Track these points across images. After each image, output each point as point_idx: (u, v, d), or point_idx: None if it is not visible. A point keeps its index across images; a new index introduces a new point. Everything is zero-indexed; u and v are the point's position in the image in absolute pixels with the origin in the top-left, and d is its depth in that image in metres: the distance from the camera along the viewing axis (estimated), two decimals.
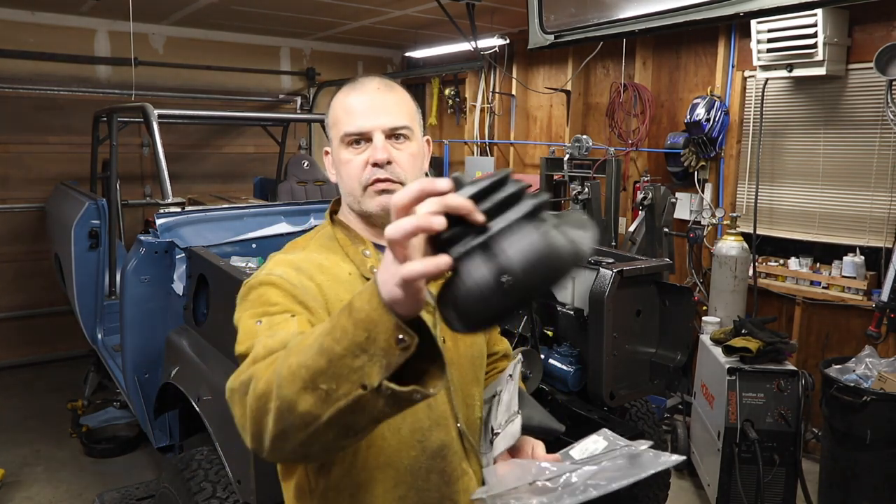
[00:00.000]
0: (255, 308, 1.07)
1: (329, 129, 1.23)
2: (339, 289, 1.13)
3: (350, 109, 1.17)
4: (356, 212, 1.22)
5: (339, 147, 1.19)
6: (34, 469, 3.79)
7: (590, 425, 2.56)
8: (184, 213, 2.90)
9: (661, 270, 2.62)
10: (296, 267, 1.13)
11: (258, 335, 0.99)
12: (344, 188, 1.21)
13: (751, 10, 1.36)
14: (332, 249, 1.21)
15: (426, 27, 5.70)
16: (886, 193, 3.79)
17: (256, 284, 1.11)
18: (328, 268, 1.15)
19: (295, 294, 1.07)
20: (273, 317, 1.04)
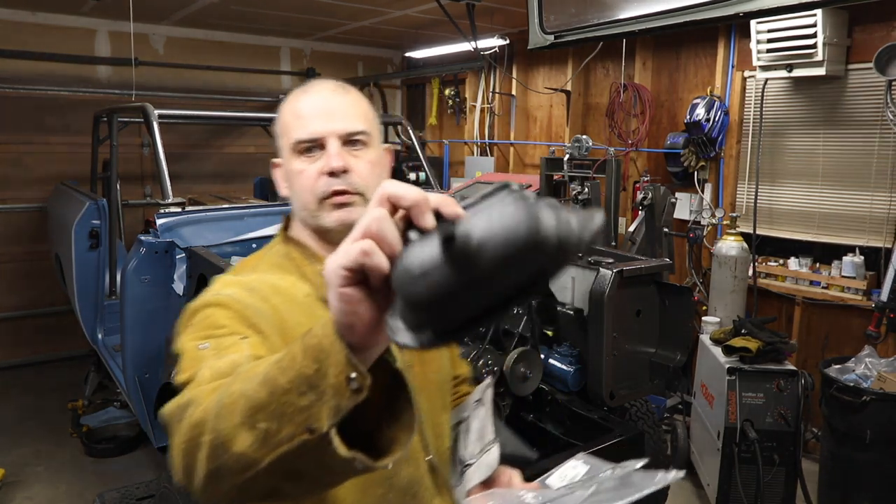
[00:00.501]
0: (199, 332, 0.94)
1: (278, 138, 1.11)
2: (297, 312, 1.02)
3: (300, 114, 1.07)
4: (311, 227, 1.10)
5: (290, 156, 1.07)
6: (35, 469, 3.79)
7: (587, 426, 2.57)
8: (184, 213, 2.90)
9: (661, 270, 2.62)
10: (247, 287, 1.01)
11: (204, 360, 0.87)
12: (297, 202, 1.09)
13: (751, 11, 1.36)
14: (286, 269, 1.09)
15: (426, 27, 5.70)
16: (886, 193, 3.79)
17: (201, 306, 0.99)
18: (284, 289, 1.04)
19: (246, 316, 0.95)
20: (220, 339, 0.91)
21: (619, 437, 2.45)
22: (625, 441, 2.45)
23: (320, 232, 1.09)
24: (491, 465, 1.13)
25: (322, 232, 1.09)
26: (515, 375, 2.42)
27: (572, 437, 2.48)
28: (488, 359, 2.35)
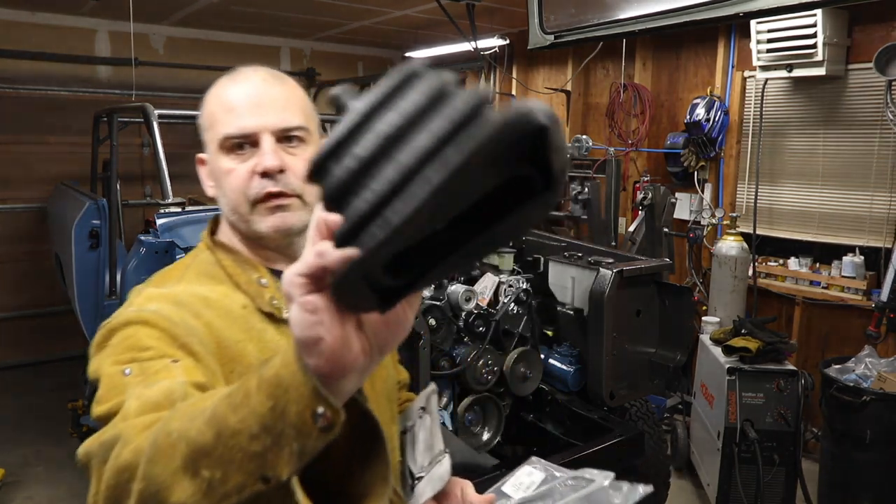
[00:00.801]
0: (120, 354, 0.81)
1: (204, 132, 0.99)
2: (234, 327, 0.90)
3: (229, 106, 0.94)
4: (243, 232, 0.98)
5: (218, 153, 0.95)
6: (35, 469, 3.79)
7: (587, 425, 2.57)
8: (184, 213, 2.90)
9: (661, 270, 2.62)
10: (175, 301, 0.88)
11: (128, 388, 0.75)
12: (226, 204, 0.97)
13: (750, 11, 1.37)
14: (216, 278, 0.96)
15: (426, 27, 5.70)
16: (886, 193, 3.79)
17: (121, 325, 0.85)
18: (216, 301, 0.91)
19: (175, 335, 0.83)
20: (147, 363, 0.78)
21: (619, 437, 2.45)
22: (625, 441, 2.45)
23: (253, 237, 0.97)
24: (442, 478, 1.08)
25: (255, 237, 0.97)
26: (515, 375, 2.42)
27: (572, 437, 2.48)
28: (488, 359, 2.35)
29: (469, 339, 2.38)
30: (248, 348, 0.89)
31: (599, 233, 4.42)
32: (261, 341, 0.90)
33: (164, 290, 0.93)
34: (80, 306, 3.91)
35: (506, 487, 1.11)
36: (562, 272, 2.72)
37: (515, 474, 1.13)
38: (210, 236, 1.03)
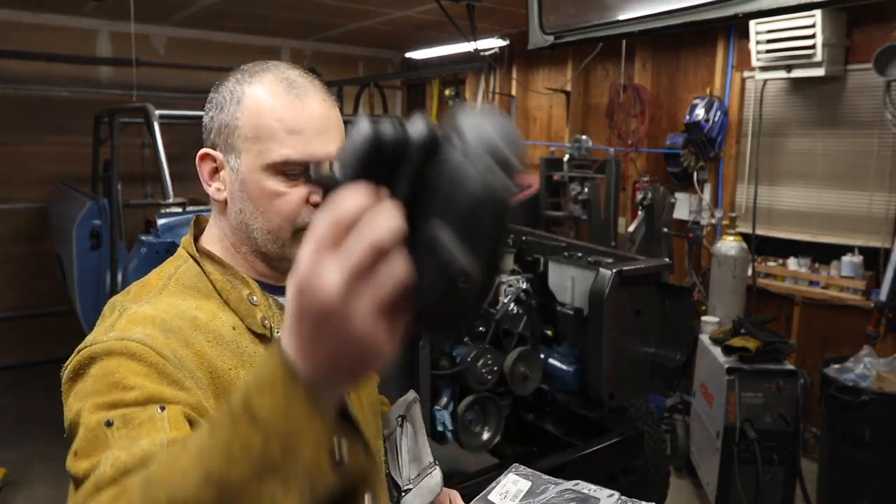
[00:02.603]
0: (100, 395, 0.72)
1: (240, 139, 0.89)
2: (226, 354, 0.83)
3: (292, 126, 0.86)
4: (261, 252, 0.91)
5: (263, 171, 0.87)
6: (36, 468, 3.79)
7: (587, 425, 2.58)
8: (185, 213, 2.90)
9: (661, 270, 2.63)
10: (162, 326, 0.79)
11: (109, 445, 0.69)
12: (260, 224, 0.89)
13: (750, 11, 1.37)
14: (202, 293, 0.88)
15: (426, 28, 5.71)
16: (885, 193, 3.80)
17: (101, 353, 0.76)
18: (205, 324, 0.84)
19: (163, 370, 0.75)
20: (130, 411, 0.70)
21: (618, 436, 2.46)
22: (624, 441, 2.46)
23: (277, 259, 0.91)
24: (433, 490, 1.07)
25: (280, 259, 0.91)
26: (515, 375, 2.42)
27: (572, 437, 2.49)
28: (488, 359, 2.36)
29: (469, 339, 2.39)
30: (240, 375, 0.83)
31: (599, 233, 4.43)
32: (252, 366, 0.85)
33: (149, 308, 0.83)
34: (81, 306, 3.92)
35: (492, 496, 1.08)
36: (562, 272, 2.72)
37: (501, 482, 1.10)
38: (193, 242, 0.95)
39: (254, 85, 0.90)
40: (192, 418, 0.73)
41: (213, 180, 0.94)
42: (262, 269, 0.94)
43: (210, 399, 0.78)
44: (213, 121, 0.92)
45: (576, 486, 1.04)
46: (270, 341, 0.88)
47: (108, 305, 0.88)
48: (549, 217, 4.88)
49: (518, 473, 1.12)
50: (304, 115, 0.87)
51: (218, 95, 0.93)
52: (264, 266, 0.94)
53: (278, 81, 0.90)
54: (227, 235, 0.93)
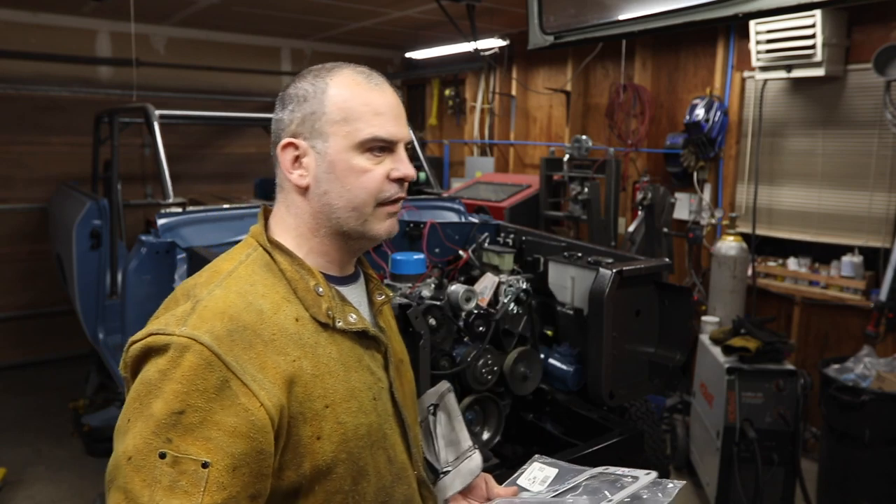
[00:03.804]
0: (164, 412, 0.79)
1: (329, 123, 0.97)
2: (289, 346, 0.90)
3: (378, 110, 0.98)
4: (341, 231, 0.99)
5: (350, 150, 0.96)
6: (36, 468, 3.80)
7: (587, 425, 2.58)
8: (185, 213, 2.90)
9: (661, 270, 2.62)
10: (232, 324, 0.86)
11: (156, 486, 0.76)
12: (345, 201, 0.97)
13: (750, 11, 1.37)
14: (269, 284, 0.95)
15: (426, 28, 5.71)
16: (885, 194, 3.80)
17: (170, 347, 0.83)
18: (269, 316, 0.90)
19: (225, 381, 0.83)
20: (181, 454, 0.78)
21: (618, 436, 2.46)
22: (624, 441, 2.46)
23: (355, 236, 1.00)
24: (473, 472, 1.12)
25: (354, 237, 1.00)
26: (515, 375, 2.42)
27: (572, 437, 2.49)
28: (488, 359, 2.36)
29: (469, 339, 2.39)
30: (303, 364, 0.91)
31: (599, 233, 4.43)
32: (315, 356, 0.93)
33: (220, 295, 0.90)
34: (81, 306, 3.92)
35: (521, 481, 1.12)
36: (562, 272, 2.72)
37: (527, 470, 1.14)
38: (264, 231, 1.02)
39: (335, 77, 1.01)
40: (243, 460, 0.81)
41: (294, 168, 0.99)
42: (333, 255, 1.02)
43: (276, 392, 0.85)
44: (295, 113, 1.00)
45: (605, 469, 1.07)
46: (332, 328, 0.96)
47: (181, 288, 0.95)
48: (549, 217, 4.89)
49: (542, 462, 1.15)
50: (384, 101, 0.99)
51: (296, 92, 1.02)
52: (336, 249, 1.01)
53: (357, 73, 1.02)
54: (304, 221, 1.00)
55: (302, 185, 0.99)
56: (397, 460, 1.02)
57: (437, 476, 1.14)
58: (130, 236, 4.10)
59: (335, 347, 0.96)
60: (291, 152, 0.99)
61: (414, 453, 1.07)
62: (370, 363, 1.01)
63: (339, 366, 0.95)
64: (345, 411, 0.93)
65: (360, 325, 0.99)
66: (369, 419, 0.97)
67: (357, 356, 0.99)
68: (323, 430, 0.90)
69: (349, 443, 0.93)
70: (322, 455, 0.90)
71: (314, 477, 0.90)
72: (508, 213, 4.74)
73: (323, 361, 0.93)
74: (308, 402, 0.90)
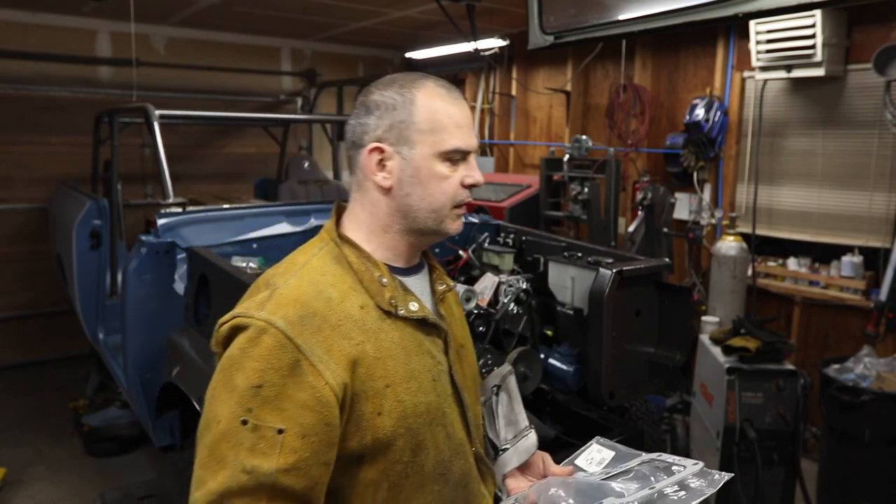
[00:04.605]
0: (245, 385, 0.92)
1: (416, 132, 1.06)
2: (354, 331, 1.01)
3: (458, 121, 1.08)
4: (416, 229, 1.10)
5: (434, 158, 1.06)
6: (36, 468, 3.80)
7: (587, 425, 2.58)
8: (185, 213, 2.91)
9: (661, 270, 2.62)
10: (303, 310, 0.98)
11: (240, 447, 0.89)
12: (426, 204, 1.08)
13: (750, 11, 1.37)
14: (338, 275, 1.06)
15: (426, 28, 5.71)
16: (885, 194, 3.80)
17: (249, 327, 0.96)
18: (337, 303, 1.01)
19: (297, 362, 0.94)
20: (261, 422, 0.90)
21: (618, 436, 2.46)
22: (624, 441, 2.46)
23: (429, 234, 1.11)
24: (529, 450, 1.19)
25: (432, 234, 1.11)
26: (515, 375, 2.42)
27: (572, 437, 2.49)
28: (488, 358, 2.36)
29: None
30: (366, 348, 1.00)
31: (599, 233, 4.43)
32: (377, 341, 1.02)
33: (294, 283, 1.01)
34: (81, 306, 3.92)
35: (579, 461, 1.17)
36: (562, 272, 2.72)
37: (586, 450, 1.19)
38: (336, 228, 1.12)
39: (421, 90, 1.08)
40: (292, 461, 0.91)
41: (379, 170, 1.08)
42: (400, 250, 1.12)
43: (340, 372, 0.96)
44: (382, 119, 1.07)
45: (658, 456, 1.11)
46: (394, 315, 1.05)
47: (263, 278, 1.07)
48: (549, 217, 4.89)
49: (601, 444, 1.21)
50: (463, 114, 1.09)
51: (383, 100, 1.08)
52: (404, 245, 1.11)
53: (440, 87, 1.10)
54: (380, 218, 1.10)
55: (385, 187, 1.08)
56: (455, 437, 1.11)
57: (497, 453, 1.22)
58: (130, 236, 4.10)
59: (397, 333, 1.05)
60: (377, 156, 1.07)
61: (472, 431, 1.15)
62: (431, 347, 1.10)
63: (400, 350, 1.04)
64: (404, 391, 1.02)
65: (421, 313, 1.08)
66: (428, 398, 1.06)
67: (418, 341, 1.08)
68: (383, 407, 1.00)
69: (408, 419, 1.02)
70: (382, 429, 0.99)
71: (375, 448, 1.00)
72: (508, 213, 4.74)
73: (385, 345, 1.03)
74: (370, 382, 0.99)
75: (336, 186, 5.02)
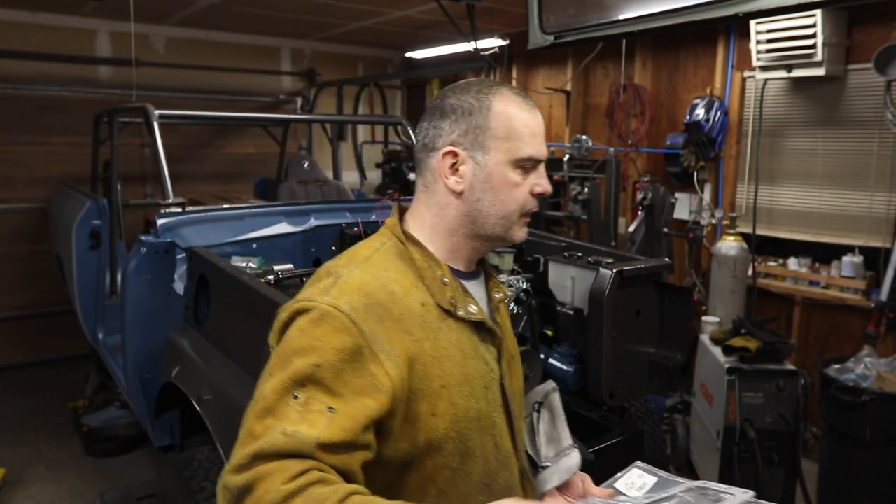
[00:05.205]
0: (303, 363, 0.89)
1: (492, 138, 1.06)
2: (415, 327, 1.00)
3: (533, 130, 1.08)
4: (483, 234, 1.10)
5: (507, 165, 1.07)
6: (36, 468, 3.80)
7: (587, 425, 2.58)
8: (184, 213, 2.90)
9: (661, 270, 2.62)
10: (367, 300, 0.97)
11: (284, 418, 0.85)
12: (496, 210, 1.08)
13: (750, 11, 1.37)
14: (401, 270, 1.05)
15: (426, 28, 5.71)
16: (885, 193, 3.80)
17: (313, 309, 0.94)
18: (400, 298, 1.01)
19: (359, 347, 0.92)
20: (314, 390, 0.88)
21: (618, 436, 2.46)
22: (624, 441, 2.46)
23: (495, 240, 1.11)
24: (570, 469, 1.18)
25: (490, 240, 1.11)
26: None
27: (572, 437, 2.49)
28: None
29: None
30: (424, 346, 1.00)
31: (599, 233, 4.42)
32: (436, 340, 1.02)
33: (357, 274, 1.01)
34: (81, 306, 3.92)
35: (618, 485, 1.14)
36: (562, 272, 2.72)
37: (626, 475, 1.16)
38: (400, 226, 1.12)
39: (498, 97, 1.08)
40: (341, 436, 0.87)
41: (451, 174, 1.08)
42: (462, 253, 1.12)
43: (400, 365, 0.94)
44: (458, 124, 1.07)
45: (704, 484, 1.06)
46: (454, 315, 1.05)
47: (324, 269, 1.06)
48: (549, 217, 4.88)
49: (641, 468, 1.17)
50: (537, 123, 1.10)
51: (459, 104, 1.08)
52: (467, 248, 1.12)
53: (516, 94, 1.10)
54: (446, 221, 1.10)
55: (457, 191, 1.08)
56: (503, 448, 1.10)
57: (536, 470, 1.21)
58: (130, 236, 4.10)
59: (455, 335, 1.05)
60: (451, 160, 1.08)
61: (518, 444, 1.15)
62: (485, 354, 1.09)
63: (457, 351, 1.04)
64: (458, 394, 1.02)
65: (479, 315, 1.08)
66: (479, 405, 1.05)
67: (474, 345, 1.07)
68: (438, 407, 0.99)
69: (459, 423, 1.01)
70: (435, 431, 0.98)
71: (426, 450, 0.99)
72: None
73: (443, 345, 1.02)
74: (426, 381, 0.98)
75: (336, 186, 5.02)
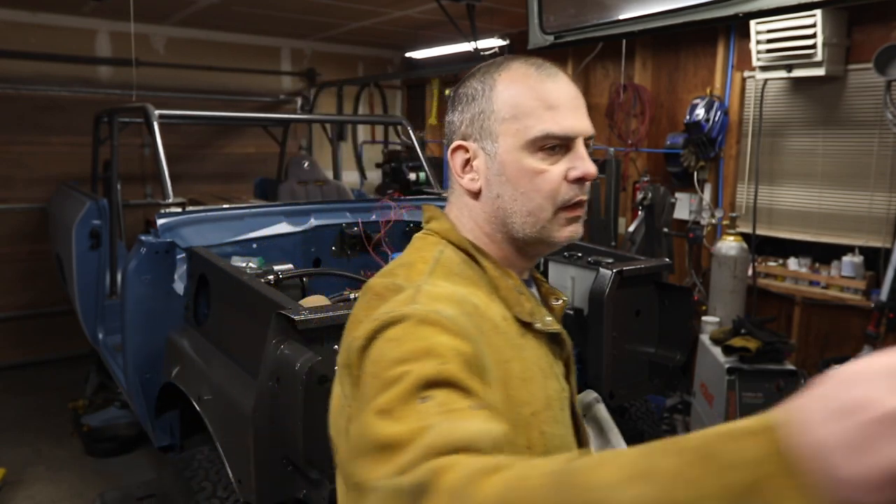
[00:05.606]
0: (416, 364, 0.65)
1: (496, 122, 0.88)
2: (506, 346, 0.83)
3: (551, 103, 0.87)
4: (517, 237, 0.91)
5: (522, 150, 0.87)
6: (36, 468, 3.79)
7: None
8: (184, 213, 2.90)
9: (661, 270, 2.62)
10: (462, 309, 0.77)
11: (424, 416, 0.60)
12: (519, 206, 0.89)
13: (750, 11, 1.37)
14: (472, 281, 0.87)
15: (426, 28, 5.71)
16: (885, 193, 3.80)
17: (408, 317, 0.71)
18: (483, 311, 0.83)
19: (473, 361, 0.69)
20: (447, 390, 0.63)
21: None
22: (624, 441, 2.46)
23: (528, 243, 0.91)
24: None
25: (531, 243, 0.91)
26: None
27: None
28: None
29: None
30: (513, 367, 0.83)
31: (599, 233, 4.42)
32: (522, 360, 0.85)
33: (437, 287, 0.80)
34: (81, 306, 3.92)
35: None
36: (562, 272, 2.72)
37: None
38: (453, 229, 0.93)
39: (504, 72, 0.91)
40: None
41: (465, 172, 0.92)
42: (512, 260, 0.93)
43: (498, 391, 0.76)
44: (463, 113, 0.92)
45: None
46: (534, 329, 0.89)
47: (381, 285, 0.83)
48: None
49: None
50: (558, 93, 0.88)
51: (465, 91, 0.93)
52: (515, 255, 0.93)
53: (527, 65, 0.91)
54: (481, 225, 0.92)
55: (473, 190, 0.92)
56: None
57: None
58: (130, 236, 4.10)
59: (534, 352, 0.89)
60: (462, 155, 0.92)
61: None
62: (557, 370, 0.94)
63: (538, 370, 0.87)
64: (545, 420, 0.85)
65: (555, 326, 0.92)
66: (561, 431, 0.90)
67: (549, 362, 0.92)
68: (531, 439, 0.82)
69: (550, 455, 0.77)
70: None
71: None
72: None
73: (528, 365, 0.86)
74: (517, 408, 0.82)
75: (336, 186, 5.02)
